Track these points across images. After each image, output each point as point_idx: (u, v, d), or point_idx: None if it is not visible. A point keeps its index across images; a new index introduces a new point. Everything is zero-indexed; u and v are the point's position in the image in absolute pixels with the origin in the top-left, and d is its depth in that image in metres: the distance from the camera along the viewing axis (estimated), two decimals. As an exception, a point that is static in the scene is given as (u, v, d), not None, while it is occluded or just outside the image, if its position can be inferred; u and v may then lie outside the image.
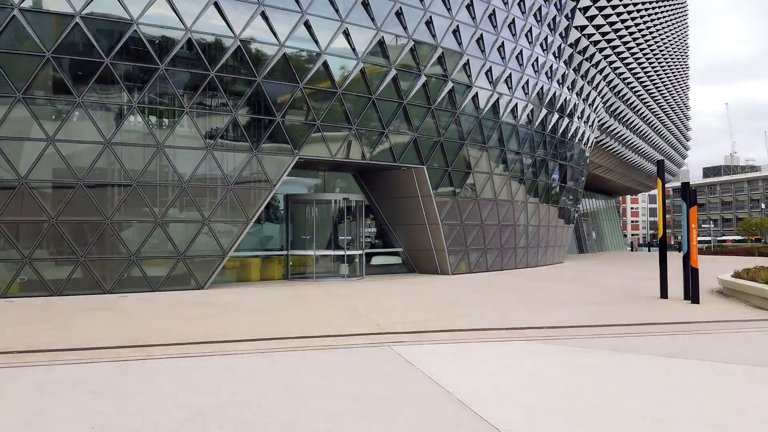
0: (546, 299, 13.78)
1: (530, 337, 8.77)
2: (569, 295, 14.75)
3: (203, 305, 12.56)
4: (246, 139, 15.76)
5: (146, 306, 12.44)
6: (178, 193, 14.92)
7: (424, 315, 11.01)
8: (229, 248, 15.69)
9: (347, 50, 16.93)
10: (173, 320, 10.51)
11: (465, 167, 20.42)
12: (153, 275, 14.88)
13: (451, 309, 11.98)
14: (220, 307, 12.20)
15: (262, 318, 10.74)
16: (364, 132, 17.70)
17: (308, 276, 18.71)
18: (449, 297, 14.16)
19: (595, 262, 33.13)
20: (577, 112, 26.88)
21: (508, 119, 21.87)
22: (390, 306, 12.47)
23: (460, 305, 12.61)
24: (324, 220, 19.85)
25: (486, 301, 13.49)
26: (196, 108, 14.96)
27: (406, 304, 12.81)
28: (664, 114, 46.22)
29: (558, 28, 24.56)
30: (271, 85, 15.87)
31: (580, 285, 17.54)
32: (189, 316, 10.94)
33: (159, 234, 14.83)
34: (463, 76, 19.76)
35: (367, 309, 11.75)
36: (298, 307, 12.28)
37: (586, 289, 16.13)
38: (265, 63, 15.67)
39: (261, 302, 13.14)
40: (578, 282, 18.74)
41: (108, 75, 13.86)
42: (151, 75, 14.28)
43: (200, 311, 11.64)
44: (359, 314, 11.05)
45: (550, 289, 16.15)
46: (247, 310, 11.72)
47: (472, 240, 21.16)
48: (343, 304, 12.64)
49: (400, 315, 11.04)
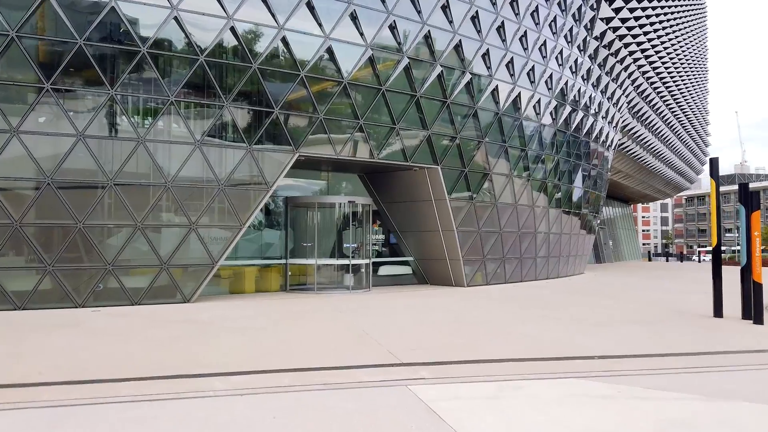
0: (582, 317, 11.89)
1: (583, 372, 6.90)
2: (606, 311, 12.85)
3: (185, 323, 10.77)
4: (240, 135, 14.01)
5: (119, 323, 10.67)
6: (161, 193, 13.17)
7: (445, 338, 9.16)
8: (220, 256, 13.91)
9: (355, 35, 15.18)
10: (145, 343, 8.71)
11: (483, 168, 18.58)
12: (132, 287, 13.11)
13: (475, 330, 10.12)
14: (204, 326, 10.40)
15: (251, 341, 8.92)
16: (373, 128, 15.91)
17: (309, 287, 16.89)
18: (470, 314, 12.30)
19: (618, 272, 31.13)
20: (602, 111, 25.03)
21: (530, 116, 20.04)
22: (402, 325, 10.62)
23: (485, 325, 10.75)
24: (327, 226, 18.06)
25: (515, 319, 11.61)
26: (183, 98, 13.23)
27: (421, 322, 10.96)
28: (685, 118, 44.28)
29: (583, 20, 22.75)
30: (268, 73, 14.14)
31: (614, 299, 15.62)
32: (165, 338, 9.14)
33: (140, 240, 13.07)
34: (482, 68, 17.96)
35: (375, 329, 9.92)
36: (295, 326, 10.46)
37: (623, 305, 14.22)
38: (261, 48, 13.94)
39: (253, 319, 11.33)
40: (610, 296, 16.81)
41: (81, 58, 12.16)
42: (131, 59, 12.58)
43: (180, 330, 9.85)
44: (367, 336, 9.22)
45: (582, 305, 14.25)
46: (235, 330, 9.92)
47: (489, 249, 19.29)
48: (348, 323, 10.81)
49: (416, 338, 9.20)
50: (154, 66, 12.79)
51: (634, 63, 28.39)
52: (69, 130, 12.14)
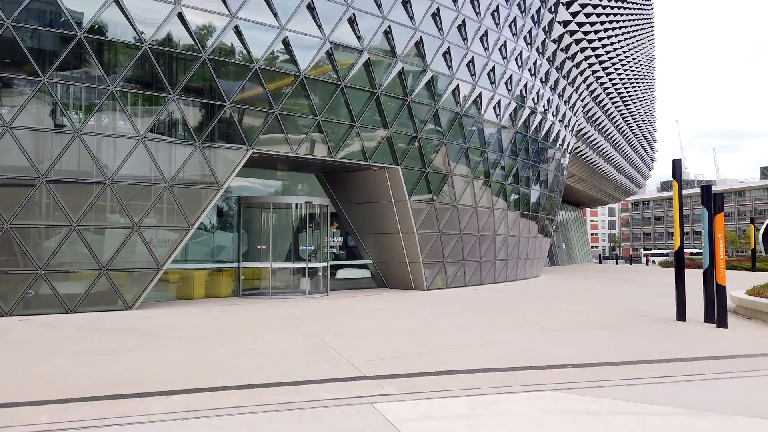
0: (548, 323, 11.53)
1: (558, 383, 6.44)
2: (570, 316, 12.56)
3: (124, 332, 9.82)
4: (189, 130, 13.08)
5: (49, 334, 9.63)
6: (101, 192, 12.11)
7: (410, 347, 8.57)
8: (166, 259, 12.94)
9: (312, 28, 14.47)
10: (74, 357, 7.77)
11: (443, 170, 18.16)
12: (67, 293, 12.00)
13: (440, 338, 9.58)
14: (146, 336, 9.48)
15: (197, 353, 8.10)
16: (331, 125, 15.22)
17: (263, 292, 16.03)
18: (434, 320, 11.77)
19: (573, 275, 31.36)
20: (559, 114, 25.08)
21: (490, 117, 19.76)
22: (363, 333, 9.98)
23: (449, 332, 10.23)
24: (283, 228, 17.24)
25: (479, 325, 11.14)
26: (125, 88, 12.22)
27: (384, 330, 10.35)
28: (635, 124, 45.37)
29: (542, 22, 22.70)
30: (220, 64, 13.28)
31: (575, 303, 15.42)
32: (99, 351, 8.21)
33: (77, 242, 11.98)
34: (443, 66, 17.54)
35: (334, 338, 9.24)
36: (247, 336, 9.67)
37: (585, 308, 13.99)
38: (212, 38, 13.08)
39: (201, 328, 10.47)
40: (571, 299, 16.62)
41: (9, 42, 11.03)
42: (66, 45, 11.51)
43: (117, 342, 8.91)
44: (326, 346, 8.54)
45: (545, 309, 13.94)
46: (180, 340, 9.06)
47: (449, 251, 18.87)
48: (305, 331, 10.09)
49: (378, 347, 8.58)
50: (92, 53, 11.76)
51: (589, 68, 28.68)
52: (-5, 120, 10.99)
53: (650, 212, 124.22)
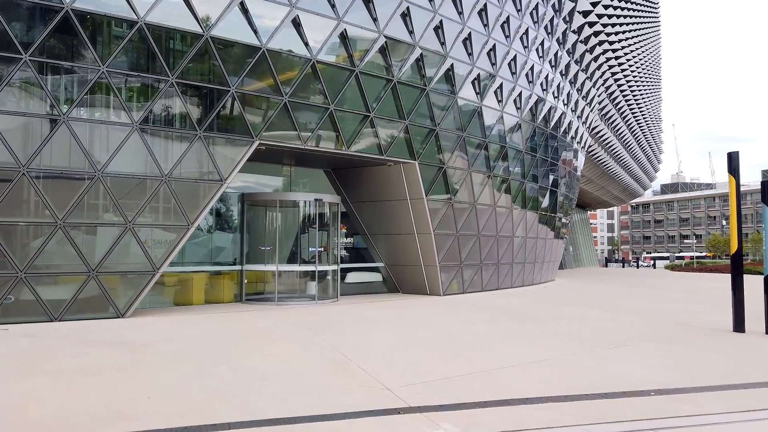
0: (590, 334, 10.27)
1: (655, 418, 5.17)
2: (610, 326, 11.29)
3: (114, 346, 8.52)
4: (189, 118, 11.79)
5: (28, 346, 8.34)
6: (89, 185, 10.80)
7: (448, 366, 7.29)
8: (162, 262, 11.63)
9: (326, 7, 13.21)
10: (53, 377, 6.48)
11: (461, 166, 16.89)
12: (52, 298, 10.68)
13: (478, 354, 8.30)
14: (139, 350, 8.18)
15: (197, 373, 6.81)
16: (344, 115, 13.94)
17: (268, 298, 14.73)
18: (462, 331, 10.49)
19: (586, 279, 30.13)
20: (578, 110, 23.86)
21: (510, 110, 18.51)
22: (389, 347, 8.70)
23: (485, 346, 8.95)
24: (289, 227, 15.94)
25: (515, 337, 9.87)
26: (117, 68, 10.91)
27: (410, 342, 9.07)
28: (645, 124, 44.25)
29: (563, 11, 21.46)
30: (224, 45, 11.99)
31: (606, 310, 14.16)
32: (82, 369, 6.91)
33: (61, 242, 10.67)
34: (463, 53, 16.28)
35: (357, 353, 7.96)
36: (256, 350, 8.38)
37: (620, 317, 12.73)
38: (215, 15, 11.79)
39: (201, 340, 9.16)
40: (599, 306, 15.37)
41: (-13, 14, 9.74)
42: (51, 18, 10.21)
43: (105, 358, 7.61)
44: (351, 365, 7.26)
45: (578, 317, 12.68)
46: (177, 356, 7.76)
47: (467, 254, 17.61)
48: (322, 344, 8.80)
49: (413, 365, 7.30)
50: (80, 29, 10.46)
51: (606, 62, 27.50)
52: (-31, 103, 9.69)
53: (650, 215, 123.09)
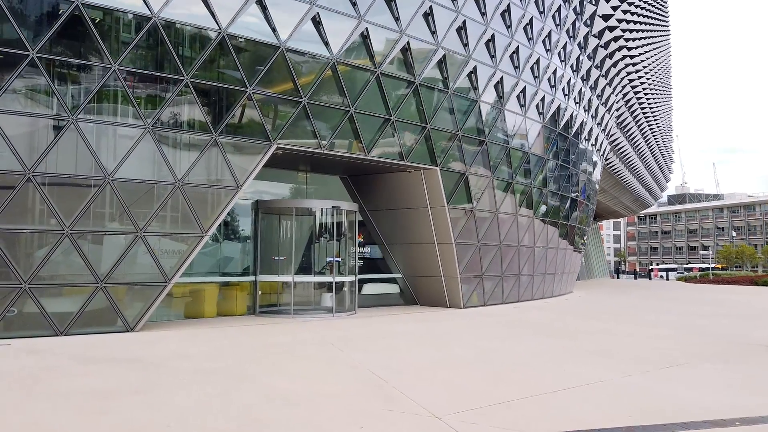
0: (633, 352, 9.53)
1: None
2: (654, 343, 10.55)
3: (126, 364, 7.83)
4: (203, 120, 11.17)
5: (32, 364, 7.66)
6: (98, 190, 10.16)
7: (495, 389, 6.57)
8: (174, 272, 10.96)
9: (345, 5, 12.62)
10: (60, 400, 5.79)
11: (484, 172, 16.22)
12: (58, 311, 10.00)
13: (523, 374, 7.58)
14: (152, 369, 7.49)
15: (219, 395, 6.10)
16: (364, 118, 13.29)
17: (283, 310, 14.02)
18: (496, 348, 9.76)
19: (603, 290, 29.34)
20: (598, 116, 23.23)
21: (533, 115, 17.87)
22: (423, 366, 7.98)
23: (527, 365, 8.23)
24: (305, 236, 15.27)
25: (554, 355, 9.13)
26: (129, 67, 10.31)
27: (445, 361, 8.35)
28: (659, 133, 43.60)
29: (584, 14, 20.88)
30: (241, 43, 11.40)
31: (641, 325, 13.42)
32: (92, 391, 6.22)
33: (68, 251, 10.01)
34: (486, 56, 15.66)
35: (392, 373, 7.25)
36: (279, 369, 7.67)
37: (663, 332, 11.99)
38: (231, 11, 11.19)
39: (219, 358, 8.46)
40: (632, 320, 14.63)
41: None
42: (59, 14, 9.62)
43: (116, 378, 6.92)
44: (387, 387, 6.54)
45: (616, 334, 11.94)
46: (195, 376, 7.06)
47: (488, 265, 16.89)
48: (350, 362, 8.09)
49: (456, 388, 6.58)
50: (91, 25, 9.87)
51: (624, 68, 26.89)
52: (-28, 102, 9.07)
53: (657, 226, 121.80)
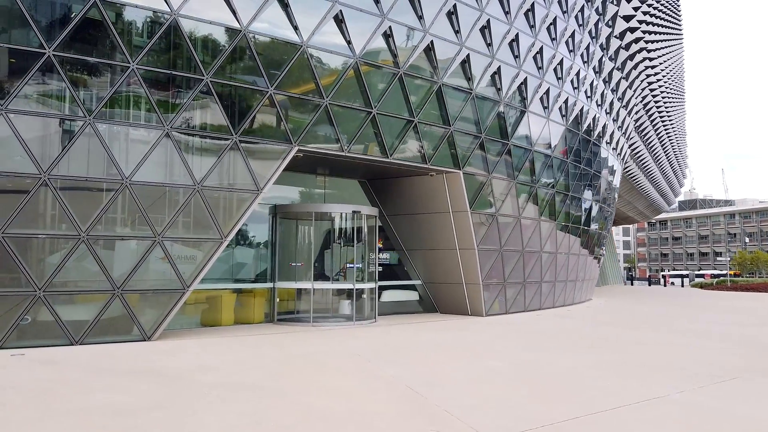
0: (679, 364, 9.02)
1: None
2: (696, 354, 10.03)
3: (146, 376, 7.41)
4: (223, 120, 10.78)
5: (46, 377, 7.25)
6: (115, 194, 9.77)
7: (549, 406, 6.09)
8: (193, 278, 10.55)
9: (368, 2, 12.22)
10: (77, 419, 5.38)
11: (506, 176, 15.76)
12: (73, 319, 9.62)
13: (570, 390, 7.09)
14: (174, 382, 7.06)
15: (250, 413, 5.66)
16: (387, 119, 12.87)
17: (302, 318, 13.57)
18: (533, 359, 9.26)
19: (622, 298, 28.73)
20: (619, 120, 22.73)
21: (556, 117, 17.40)
22: (461, 380, 7.50)
23: (572, 379, 7.73)
24: (324, 241, 14.85)
25: (601, 368, 8.63)
26: (148, 66, 9.94)
27: (484, 375, 7.86)
28: (674, 136, 42.98)
29: (606, 14, 20.43)
30: (262, 42, 11.01)
31: (678, 335, 12.89)
32: (111, 408, 5.79)
33: (84, 256, 9.63)
34: (509, 56, 15.22)
35: (431, 389, 6.78)
36: (310, 384, 7.21)
37: (703, 343, 11.46)
38: (252, 9, 10.82)
39: (242, 368, 8.02)
40: (665, 330, 14.10)
41: (6, 2, 8.82)
42: (78, 9, 9.27)
43: (135, 392, 6.49)
44: (429, 405, 6.08)
45: (654, 344, 11.42)
46: (221, 390, 6.61)
47: (511, 271, 16.39)
48: (383, 376, 7.63)
49: (503, 405, 6.11)
50: (109, 22, 9.51)
51: (644, 71, 26.39)
52: (-14, 102, 8.73)
53: (668, 232, 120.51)
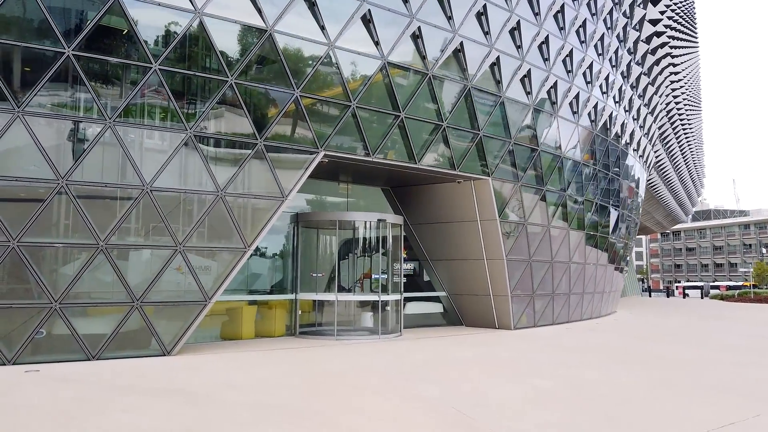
0: (738, 383, 8.35)
1: None
2: (756, 373, 9.35)
3: (169, 395, 6.86)
4: (247, 123, 10.30)
5: (65, 397, 6.73)
6: (135, 200, 9.30)
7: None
8: (215, 289, 10.03)
9: (397, 2, 11.75)
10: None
11: (536, 182, 15.17)
12: (90, 333, 9.11)
13: (638, 413, 6.46)
14: (200, 402, 6.50)
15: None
16: (415, 124, 12.36)
17: (324, 331, 13.00)
18: (585, 378, 8.62)
19: (648, 310, 27.88)
20: (646, 126, 22.11)
21: (585, 123, 16.82)
22: (510, 399, 6.89)
23: (635, 401, 7.09)
24: (348, 251, 14.30)
25: (659, 388, 7.97)
26: (169, 67, 9.50)
27: (535, 395, 7.24)
28: (695, 146, 42.22)
29: (633, 18, 19.90)
30: (288, 42, 10.55)
31: (722, 351, 12.18)
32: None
33: (102, 267, 9.14)
34: (538, 58, 14.69)
35: (478, 410, 6.18)
36: (343, 404, 6.62)
37: (750, 358, 10.75)
38: (278, 8, 10.37)
39: (271, 387, 7.45)
40: (706, 345, 13.39)
41: (23, 5, 8.42)
42: (99, 7, 8.85)
43: (159, 414, 5.94)
44: (482, 430, 5.47)
45: (700, 361, 10.73)
46: (252, 411, 6.05)
47: (539, 283, 15.75)
48: (421, 396, 7.02)
49: (576, 430, 5.50)
50: (131, 20, 9.08)
51: (668, 77, 25.78)
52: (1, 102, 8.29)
53: (681, 243, 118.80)
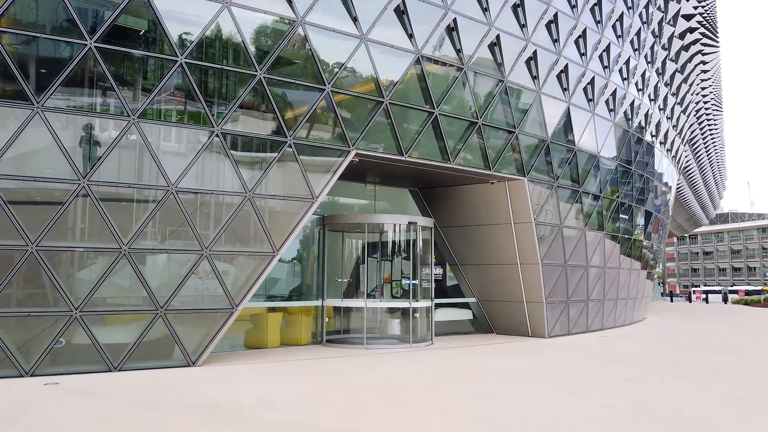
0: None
1: None
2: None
3: (200, 413, 6.28)
4: (277, 120, 9.74)
5: (85, 415, 6.18)
6: (160, 204, 8.77)
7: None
8: (243, 296, 9.47)
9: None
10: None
11: (572, 182, 14.49)
12: (111, 342, 8.59)
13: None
14: (235, 423, 5.91)
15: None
16: (449, 121, 11.75)
17: (353, 339, 12.40)
18: (649, 395, 7.93)
19: (676, 316, 26.94)
20: (679, 126, 21.34)
21: (620, 121, 16.11)
22: (569, 419, 6.23)
23: (712, 421, 6.41)
24: (376, 255, 13.70)
25: (731, 406, 7.28)
26: (196, 61, 8.97)
27: (599, 414, 6.57)
28: (720, 148, 41.21)
29: (668, 12, 19.18)
30: (318, 34, 10.00)
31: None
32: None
33: (124, 272, 8.62)
34: (575, 53, 14.03)
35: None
36: (393, 424, 5.99)
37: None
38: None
39: (308, 402, 6.85)
40: (756, 355, 12.61)
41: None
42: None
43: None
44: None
45: (755, 373, 9.99)
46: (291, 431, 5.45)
47: (574, 288, 15.04)
48: (477, 416, 6.38)
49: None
50: (156, 11, 8.58)
51: (698, 76, 24.96)
52: (17, 98, 7.80)
53: (698, 247, 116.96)
